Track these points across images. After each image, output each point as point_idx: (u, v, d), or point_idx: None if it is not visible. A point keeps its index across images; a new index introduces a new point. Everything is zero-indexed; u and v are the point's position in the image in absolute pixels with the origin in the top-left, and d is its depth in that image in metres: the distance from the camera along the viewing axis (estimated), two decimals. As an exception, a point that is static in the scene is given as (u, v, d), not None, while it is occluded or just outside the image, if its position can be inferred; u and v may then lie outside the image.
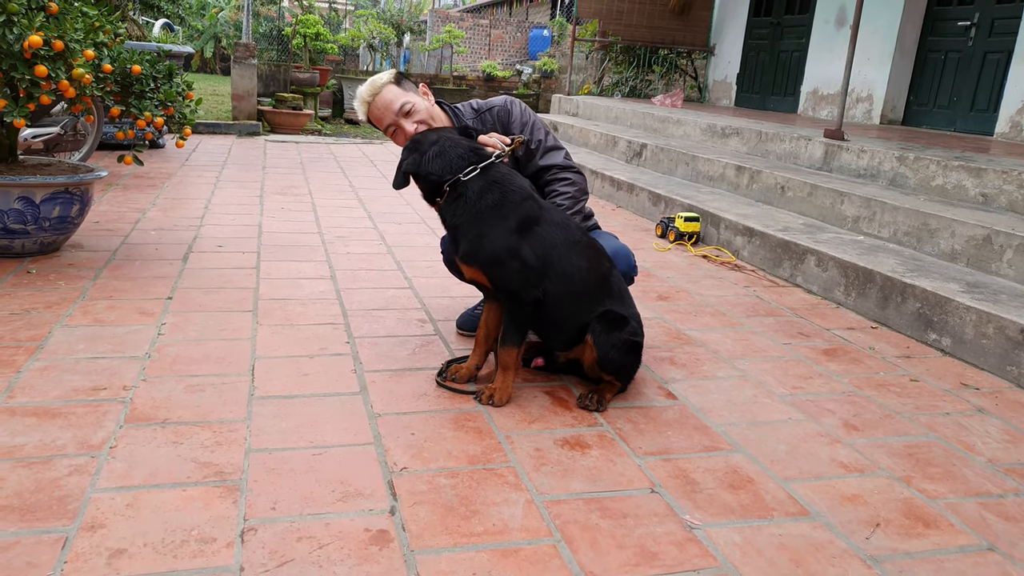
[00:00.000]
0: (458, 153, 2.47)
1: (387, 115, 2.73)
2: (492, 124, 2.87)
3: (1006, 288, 3.40)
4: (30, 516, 1.77)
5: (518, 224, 2.43)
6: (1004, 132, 6.97)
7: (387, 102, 2.72)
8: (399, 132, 2.74)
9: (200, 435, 2.18)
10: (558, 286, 2.45)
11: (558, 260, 2.45)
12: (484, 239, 2.42)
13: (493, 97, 3.02)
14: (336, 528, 1.80)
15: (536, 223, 2.46)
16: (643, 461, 2.20)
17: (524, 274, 2.41)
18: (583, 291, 2.50)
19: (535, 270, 2.42)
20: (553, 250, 2.45)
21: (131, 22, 8.12)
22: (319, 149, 9.03)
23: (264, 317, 3.18)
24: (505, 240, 2.40)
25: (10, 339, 2.75)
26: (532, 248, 2.42)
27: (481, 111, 2.91)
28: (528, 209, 2.46)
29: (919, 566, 1.79)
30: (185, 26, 19.97)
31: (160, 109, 3.64)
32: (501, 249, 2.40)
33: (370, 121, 2.84)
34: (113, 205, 5.09)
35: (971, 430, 2.54)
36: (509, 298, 2.47)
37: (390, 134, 2.78)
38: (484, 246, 2.42)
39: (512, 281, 2.42)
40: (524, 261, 2.41)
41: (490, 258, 2.42)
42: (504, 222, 2.42)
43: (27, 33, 3.06)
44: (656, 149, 6.94)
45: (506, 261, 2.40)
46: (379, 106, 2.74)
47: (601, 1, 11.25)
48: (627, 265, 2.89)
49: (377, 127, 2.82)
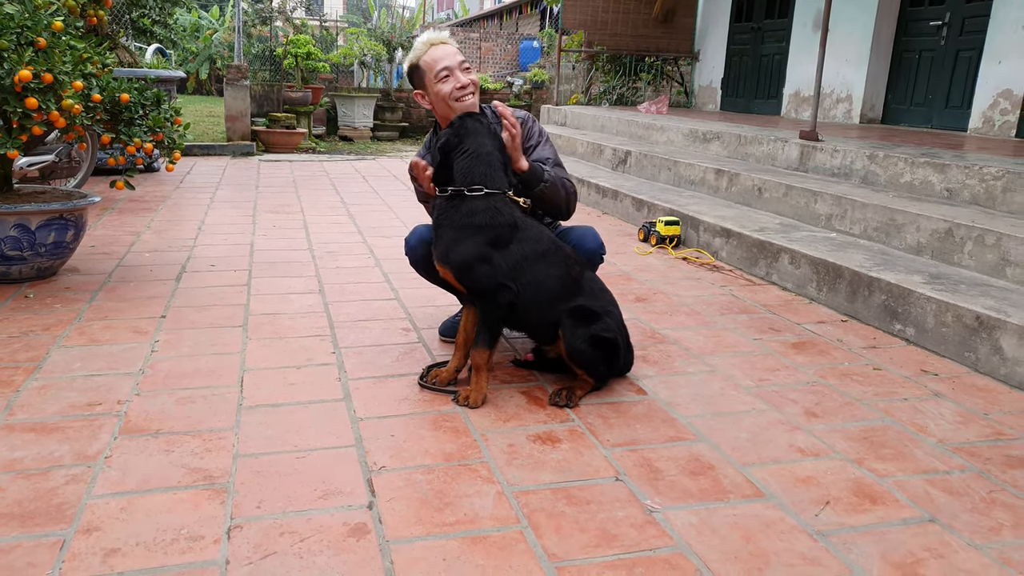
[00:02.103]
0: (481, 171, 2.64)
1: (449, 59, 2.80)
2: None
3: (966, 278, 3.53)
4: (30, 522, 1.89)
5: (492, 239, 2.58)
6: (977, 127, 7.12)
7: (452, 51, 2.83)
8: (451, 78, 2.81)
9: (190, 443, 2.31)
10: (528, 291, 2.60)
11: (528, 269, 2.60)
12: (458, 244, 2.59)
13: (518, 109, 3.19)
14: (317, 523, 1.92)
15: (511, 241, 2.61)
16: (610, 452, 2.33)
17: (494, 279, 2.55)
18: (552, 296, 2.65)
19: (505, 275, 2.56)
20: (524, 261, 2.60)
21: (123, 49, 8.29)
22: (312, 167, 9.18)
23: (254, 331, 3.30)
24: (476, 249, 2.56)
25: (9, 360, 2.88)
26: (503, 259, 2.57)
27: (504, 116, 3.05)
28: (506, 231, 2.62)
29: (862, 538, 1.92)
30: (179, 49, 20.19)
31: (149, 135, 3.78)
32: (471, 256, 2.55)
33: (414, 70, 2.86)
34: (109, 229, 5.23)
35: (926, 413, 2.66)
36: (482, 301, 2.61)
37: (440, 79, 2.81)
38: (456, 251, 2.58)
39: (481, 285, 2.57)
40: (494, 267, 2.55)
41: (460, 263, 2.58)
42: (480, 236, 2.58)
43: (17, 68, 3.20)
44: (640, 156, 7.08)
45: (475, 267, 2.55)
46: (443, 50, 2.81)
47: (586, 12, 11.42)
48: (595, 243, 3.04)
49: (423, 76, 2.85)
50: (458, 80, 2.81)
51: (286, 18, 16.30)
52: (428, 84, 2.84)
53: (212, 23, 23.22)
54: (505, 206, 2.65)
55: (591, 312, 2.66)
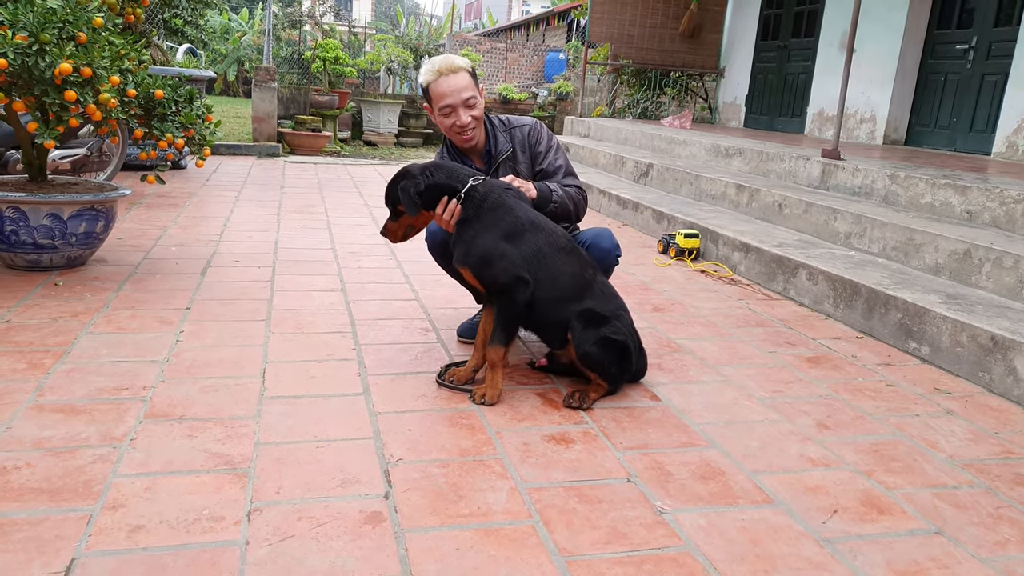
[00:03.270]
0: (457, 169, 2.74)
1: (453, 96, 2.86)
2: (521, 140, 3.09)
3: (983, 299, 3.54)
4: (58, 497, 1.96)
5: (507, 232, 2.64)
6: (1001, 152, 7.10)
7: (459, 87, 2.86)
8: (453, 115, 2.88)
9: (213, 430, 2.37)
10: (543, 286, 2.65)
11: (544, 264, 2.66)
12: (476, 240, 2.65)
13: (524, 116, 3.23)
14: (334, 510, 1.97)
15: (526, 231, 2.67)
16: (623, 455, 2.36)
17: (510, 273, 2.61)
18: (565, 294, 2.69)
19: (521, 268, 2.62)
20: (539, 253, 2.66)
21: (155, 48, 8.45)
22: (337, 170, 9.30)
23: (276, 326, 3.37)
24: (493, 244, 2.62)
25: (39, 344, 2.97)
26: (520, 250, 2.63)
27: (511, 127, 3.11)
28: (517, 220, 2.67)
29: (868, 546, 1.94)
30: (209, 50, 20.47)
31: (181, 131, 3.87)
32: (488, 250, 2.62)
33: (425, 91, 2.92)
34: (136, 222, 5.33)
35: (937, 430, 2.68)
36: (499, 297, 2.67)
37: (443, 113, 2.89)
38: (475, 245, 2.64)
39: (499, 280, 2.63)
40: (510, 261, 2.62)
41: (478, 258, 2.64)
42: (496, 226, 2.65)
43: (58, 61, 3.30)
44: (662, 169, 7.12)
45: (493, 261, 2.62)
46: (450, 84, 2.86)
47: (612, 26, 11.50)
48: (610, 243, 3.11)
49: (430, 100, 2.92)
50: (459, 118, 2.90)
51: (315, 22, 16.51)
52: (433, 109, 2.94)
53: (242, 26, 23.52)
54: (505, 191, 2.73)
55: (600, 316, 2.70)
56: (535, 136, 3.10)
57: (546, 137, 3.14)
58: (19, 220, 3.73)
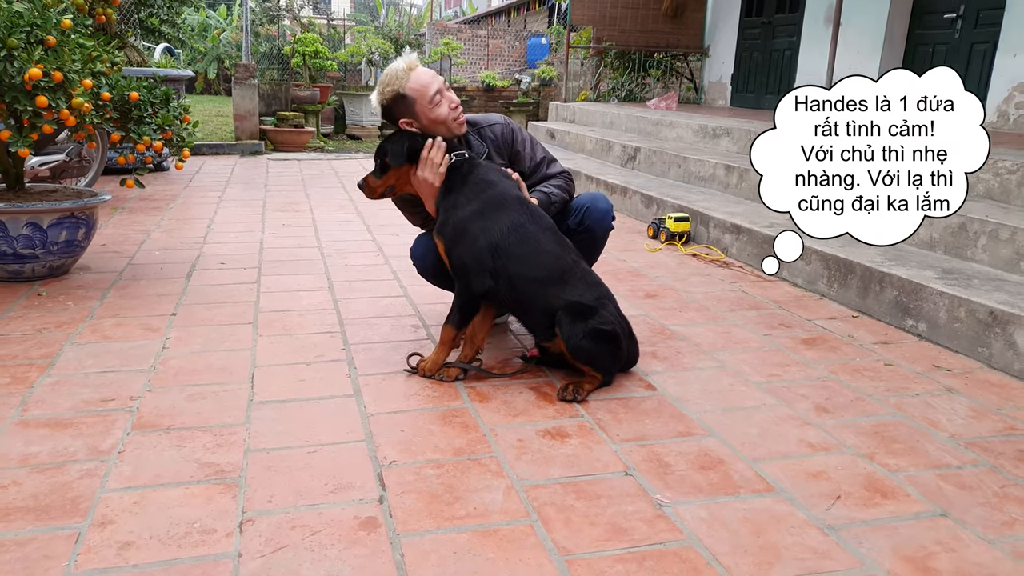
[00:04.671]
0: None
1: (436, 80, 2.83)
2: (493, 140, 3.04)
3: (979, 273, 3.51)
4: (45, 516, 1.91)
5: (490, 202, 2.68)
6: (992, 121, 7.07)
7: (432, 72, 2.86)
8: (443, 100, 2.83)
9: (202, 439, 2.32)
10: (520, 267, 2.66)
11: (525, 240, 2.67)
12: (455, 210, 2.71)
13: (489, 113, 3.18)
14: (328, 517, 1.93)
15: (509, 206, 2.70)
16: (619, 447, 2.33)
17: (477, 263, 2.66)
18: (546, 276, 2.69)
19: (488, 261, 2.66)
20: (521, 228, 2.67)
21: (131, 48, 8.32)
22: (321, 165, 9.21)
23: (264, 328, 3.32)
24: (471, 223, 2.67)
25: (23, 357, 2.91)
26: (496, 225, 2.66)
27: (479, 126, 3.06)
28: (503, 193, 2.72)
29: (873, 532, 1.91)
30: (187, 49, 20.27)
31: (158, 133, 3.80)
32: (467, 227, 2.67)
33: (400, 99, 2.82)
34: (119, 228, 5.26)
35: (938, 408, 2.65)
36: (459, 280, 2.73)
37: (435, 103, 2.82)
38: (453, 216, 2.71)
39: (464, 263, 2.69)
40: (479, 250, 2.66)
41: (451, 231, 2.70)
42: (476, 201, 2.69)
43: (27, 66, 3.22)
44: (649, 152, 7.07)
45: (462, 241, 2.68)
46: (426, 72, 2.83)
47: (594, 8, 11.40)
48: (607, 205, 3.12)
49: (413, 102, 2.81)
50: (450, 99, 2.85)
51: (293, 16, 16.35)
52: (421, 111, 2.81)
53: (220, 22, 23.28)
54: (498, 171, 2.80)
55: (586, 307, 2.67)
56: (509, 134, 3.07)
57: (520, 132, 3.12)
58: (-3, 230, 3.66)
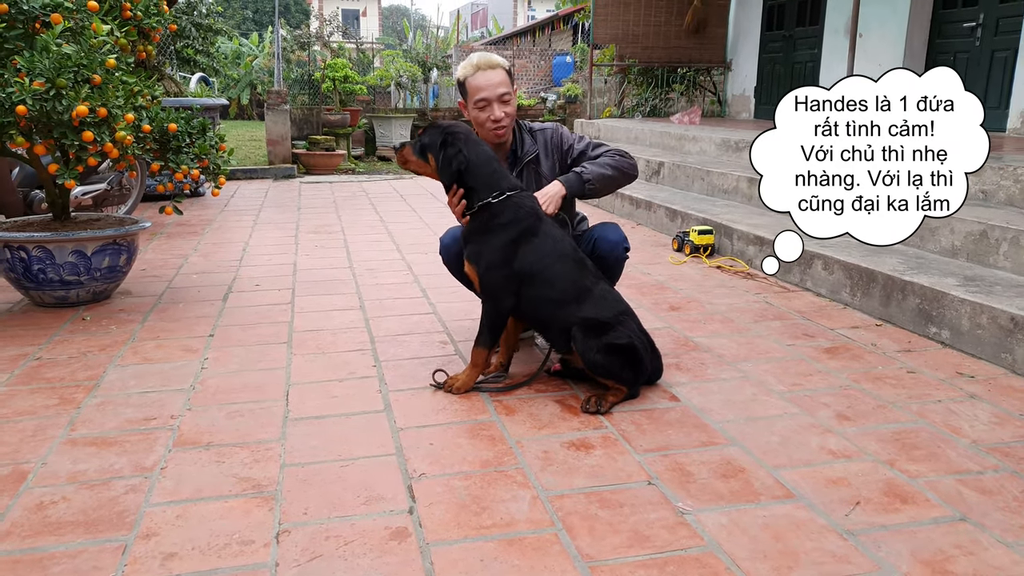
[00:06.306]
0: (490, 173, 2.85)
1: (489, 90, 2.95)
2: (544, 143, 3.19)
3: (1002, 280, 3.52)
4: (93, 529, 2.01)
5: (518, 234, 2.79)
6: (1016, 128, 7.03)
7: (496, 81, 2.96)
8: (488, 109, 2.97)
9: (240, 454, 2.42)
10: (539, 290, 2.79)
11: (542, 268, 2.79)
12: (486, 245, 2.82)
13: (544, 122, 3.37)
14: (360, 528, 2.01)
15: (537, 232, 2.80)
16: (643, 457, 2.38)
17: (504, 288, 2.79)
18: (560, 298, 2.79)
19: (513, 288, 2.79)
20: (544, 259, 2.80)
21: (169, 79, 8.59)
22: (352, 187, 9.39)
23: (298, 347, 3.43)
24: (501, 254, 2.79)
25: (70, 380, 3.04)
26: (523, 257, 2.78)
27: (534, 131, 3.22)
28: (531, 221, 2.81)
29: (892, 537, 1.95)
30: (221, 76, 20.73)
31: (196, 162, 3.95)
32: (495, 261, 2.80)
33: (461, 83, 3.02)
34: (158, 253, 5.43)
35: (960, 415, 2.67)
36: (486, 302, 2.86)
37: (478, 107, 2.97)
38: (485, 250, 2.82)
39: (492, 289, 2.82)
40: (508, 278, 2.79)
41: (486, 265, 2.82)
42: (505, 234, 2.79)
43: (74, 104, 3.38)
44: (673, 166, 7.12)
45: (493, 271, 2.80)
46: (487, 78, 2.95)
47: (617, 26, 11.52)
48: (617, 236, 3.19)
49: (466, 94, 3.02)
50: (493, 112, 2.99)
51: (323, 43, 16.67)
52: (469, 105, 3.03)
53: (252, 50, 23.81)
54: (525, 199, 2.85)
55: (601, 323, 2.75)
56: (558, 137, 3.20)
57: (568, 134, 3.23)
58: (45, 259, 3.83)
